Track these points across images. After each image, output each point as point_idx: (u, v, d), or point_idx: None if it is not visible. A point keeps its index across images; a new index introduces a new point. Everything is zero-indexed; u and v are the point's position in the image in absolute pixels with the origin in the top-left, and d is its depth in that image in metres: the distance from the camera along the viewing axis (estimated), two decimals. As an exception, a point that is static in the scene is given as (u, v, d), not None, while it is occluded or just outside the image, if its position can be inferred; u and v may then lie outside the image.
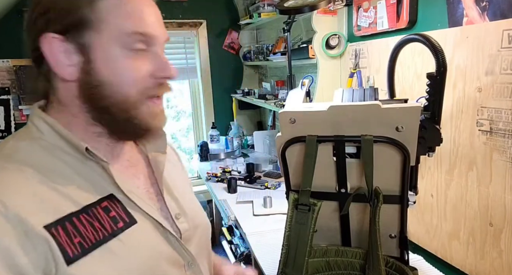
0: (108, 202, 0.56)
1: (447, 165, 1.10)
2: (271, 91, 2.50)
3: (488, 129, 0.96)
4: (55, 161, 0.55)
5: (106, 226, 0.54)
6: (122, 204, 0.57)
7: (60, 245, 0.49)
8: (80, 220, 0.52)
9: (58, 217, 0.50)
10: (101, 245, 0.53)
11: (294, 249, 0.79)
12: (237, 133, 2.95)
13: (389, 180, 0.75)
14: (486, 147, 0.97)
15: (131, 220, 0.57)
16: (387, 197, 0.75)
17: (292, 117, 0.76)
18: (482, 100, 0.97)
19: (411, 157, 0.72)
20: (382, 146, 0.72)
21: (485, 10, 0.96)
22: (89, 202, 0.54)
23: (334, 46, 1.63)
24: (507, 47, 0.89)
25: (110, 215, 0.55)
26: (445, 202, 1.13)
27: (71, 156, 0.56)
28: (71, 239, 0.50)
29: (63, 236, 0.50)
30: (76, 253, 0.50)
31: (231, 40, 2.99)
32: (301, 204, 0.79)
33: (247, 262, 2.25)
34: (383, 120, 0.71)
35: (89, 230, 0.52)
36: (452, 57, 1.03)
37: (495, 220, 0.98)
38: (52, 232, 0.49)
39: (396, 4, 1.24)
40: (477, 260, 1.04)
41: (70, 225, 0.51)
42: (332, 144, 0.76)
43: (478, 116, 0.99)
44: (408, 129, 0.71)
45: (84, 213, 0.53)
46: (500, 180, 0.95)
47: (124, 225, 0.56)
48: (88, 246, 0.51)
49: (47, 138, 0.56)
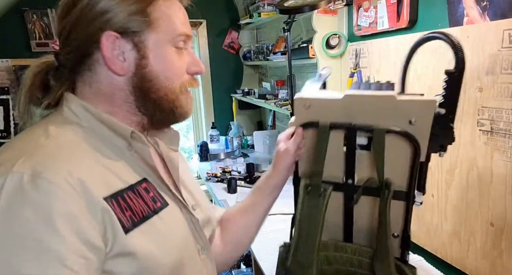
0: (146, 184, 0.62)
1: (447, 165, 1.10)
2: (271, 91, 2.50)
3: (489, 129, 0.96)
4: (97, 143, 0.59)
5: (148, 204, 0.60)
6: (155, 188, 0.63)
7: (117, 216, 0.54)
8: (129, 196, 0.57)
9: (112, 191, 0.55)
10: (146, 220, 0.58)
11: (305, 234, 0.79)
12: (237, 133, 2.94)
13: (397, 175, 0.74)
14: (487, 147, 0.97)
15: (165, 202, 0.63)
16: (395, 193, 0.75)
17: (307, 103, 0.77)
18: (482, 100, 0.97)
19: (421, 152, 0.72)
20: (393, 138, 0.72)
21: (486, 10, 0.96)
22: (133, 181, 0.60)
23: (334, 45, 1.63)
24: (508, 47, 0.89)
25: (150, 195, 0.61)
26: (446, 202, 1.13)
27: (108, 141, 0.61)
28: (124, 212, 0.55)
29: (118, 209, 0.54)
30: (129, 224, 0.55)
31: (231, 39, 2.99)
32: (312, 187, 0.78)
33: (247, 263, 2.25)
34: (397, 112, 0.70)
35: (137, 206, 0.58)
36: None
37: (495, 220, 0.97)
38: (110, 204, 0.53)
39: (397, 4, 1.24)
40: (477, 260, 1.04)
41: (122, 200, 0.56)
42: (343, 132, 0.76)
43: (478, 116, 0.99)
44: (421, 123, 0.70)
45: (131, 191, 0.58)
46: (501, 180, 0.95)
47: (161, 205, 0.62)
48: (137, 220, 0.56)
49: (84, 124, 0.60)
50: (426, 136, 0.71)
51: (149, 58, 0.61)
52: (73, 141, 0.57)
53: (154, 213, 0.60)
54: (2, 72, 2.43)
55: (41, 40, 2.44)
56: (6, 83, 2.45)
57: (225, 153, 2.76)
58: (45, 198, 0.48)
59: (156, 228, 0.59)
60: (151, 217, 0.59)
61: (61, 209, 0.48)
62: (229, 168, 2.34)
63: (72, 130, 0.59)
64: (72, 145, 0.56)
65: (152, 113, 0.64)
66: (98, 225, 0.51)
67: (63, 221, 0.48)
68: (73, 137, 0.57)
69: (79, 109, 0.60)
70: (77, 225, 0.49)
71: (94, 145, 0.58)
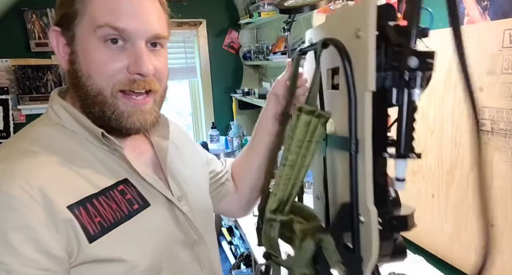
0: (123, 185, 0.59)
1: (448, 165, 1.10)
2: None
3: (489, 129, 0.96)
4: (75, 146, 0.57)
5: (122, 208, 0.57)
6: (136, 188, 0.60)
7: (82, 224, 0.51)
8: (99, 201, 0.55)
9: (79, 198, 0.53)
10: (118, 225, 0.55)
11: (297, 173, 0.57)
12: (237, 133, 2.94)
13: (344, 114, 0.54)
14: (487, 147, 0.97)
15: (145, 203, 0.60)
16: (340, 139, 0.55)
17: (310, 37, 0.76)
18: (483, 100, 0.97)
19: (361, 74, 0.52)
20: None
21: (486, 10, 0.95)
22: (107, 185, 0.57)
23: (334, 45, 1.63)
24: (509, 47, 0.88)
25: (126, 198, 0.58)
26: (446, 202, 1.13)
27: (88, 141, 0.58)
28: (92, 219, 0.53)
29: (85, 216, 0.52)
30: (97, 231, 0.53)
31: (231, 39, 2.98)
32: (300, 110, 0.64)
33: (247, 263, 2.25)
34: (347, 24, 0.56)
35: (107, 211, 0.55)
36: (453, 57, 1.02)
37: (496, 221, 0.97)
38: (74, 212, 0.51)
39: (397, 4, 1.24)
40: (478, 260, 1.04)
41: (91, 206, 0.53)
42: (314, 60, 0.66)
43: (479, 116, 0.98)
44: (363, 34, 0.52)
45: (103, 195, 0.55)
46: (501, 181, 0.94)
47: (139, 207, 0.59)
48: (108, 225, 0.54)
49: (65, 124, 0.58)
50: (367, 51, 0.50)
51: (78, 53, 0.56)
52: (47, 146, 0.55)
53: (128, 217, 0.57)
54: (2, 72, 2.43)
55: (40, 40, 2.43)
56: (6, 83, 2.44)
57: (225, 153, 2.76)
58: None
59: (129, 232, 0.56)
60: (124, 222, 0.56)
61: (15, 220, 0.47)
62: (229, 168, 2.34)
63: (50, 133, 0.57)
64: (43, 152, 0.54)
65: (98, 116, 0.58)
66: (59, 235, 0.49)
67: (17, 233, 0.47)
68: (48, 141, 0.56)
69: (60, 110, 0.59)
70: (34, 237, 0.47)
71: (70, 148, 0.57)
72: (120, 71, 0.56)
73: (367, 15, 0.51)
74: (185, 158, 0.77)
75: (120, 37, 0.55)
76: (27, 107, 2.48)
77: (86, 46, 0.55)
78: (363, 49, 0.51)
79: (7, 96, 2.46)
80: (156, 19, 0.59)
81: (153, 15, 0.58)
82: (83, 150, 0.58)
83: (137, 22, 0.56)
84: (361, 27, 0.52)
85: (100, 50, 0.55)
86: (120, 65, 0.56)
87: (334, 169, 0.60)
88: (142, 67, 0.56)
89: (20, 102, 2.47)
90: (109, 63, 0.55)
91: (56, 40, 0.58)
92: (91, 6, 0.54)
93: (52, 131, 0.58)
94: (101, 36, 0.54)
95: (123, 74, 0.56)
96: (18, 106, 2.47)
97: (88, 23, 0.55)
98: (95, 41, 0.55)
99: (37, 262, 0.47)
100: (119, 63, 0.56)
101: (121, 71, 0.56)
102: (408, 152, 0.49)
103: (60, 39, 0.58)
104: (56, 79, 2.50)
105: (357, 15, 0.53)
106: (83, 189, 0.54)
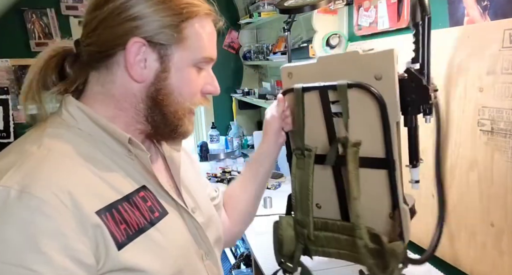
0: (144, 192, 0.59)
1: (448, 165, 1.10)
2: (271, 91, 2.49)
3: (489, 129, 0.96)
4: (93, 150, 0.57)
5: (145, 215, 0.57)
6: (154, 195, 0.61)
7: (110, 231, 0.51)
8: (124, 208, 0.54)
9: (106, 204, 0.52)
10: (142, 232, 0.55)
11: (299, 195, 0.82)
12: (237, 133, 2.94)
13: (374, 140, 0.71)
14: (487, 147, 0.97)
15: (164, 211, 0.61)
16: (373, 160, 0.71)
17: (290, 72, 0.81)
18: (483, 100, 0.97)
19: (391, 110, 0.67)
20: (360, 96, 0.70)
21: (487, 10, 0.95)
22: (129, 191, 0.57)
23: (334, 45, 1.63)
24: (509, 47, 0.88)
25: (147, 205, 0.59)
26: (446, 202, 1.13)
27: (105, 145, 0.58)
28: (118, 225, 0.52)
29: (112, 223, 0.51)
30: (123, 238, 0.52)
31: (231, 39, 2.98)
32: (297, 149, 0.82)
33: (247, 263, 2.24)
34: (362, 68, 0.69)
35: (132, 218, 0.55)
36: (453, 57, 1.02)
37: (496, 221, 0.97)
38: (102, 218, 0.51)
39: (397, 4, 1.24)
40: (478, 260, 1.04)
41: (116, 212, 0.53)
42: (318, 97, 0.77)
43: (479, 116, 0.98)
44: (386, 76, 0.67)
45: (126, 202, 0.55)
46: (501, 180, 0.94)
47: (159, 215, 0.60)
48: (132, 233, 0.54)
49: (82, 127, 0.58)
50: (394, 91, 0.67)
51: (170, 72, 0.60)
52: (67, 149, 0.54)
53: (151, 225, 0.57)
54: (2, 72, 2.43)
55: (40, 40, 2.43)
56: (6, 83, 2.45)
57: (225, 153, 2.76)
58: (30, 215, 0.45)
59: (153, 240, 0.57)
60: (148, 229, 0.56)
61: (47, 226, 0.46)
62: (229, 168, 2.34)
63: (67, 135, 0.56)
64: (65, 154, 0.53)
65: (158, 125, 0.62)
66: (89, 241, 0.49)
67: (49, 239, 0.45)
68: (67, 144, 0.55)
69: (77, 112, 0.59)
70: (65, 243, 0.46)
71: (89, 152, 0.56)
72: (199, 91, 0.65)
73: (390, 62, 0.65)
74: (195, 170, 0.82)
75: (207, 64, 0.66)
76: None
77: (183, 69, 0.61)
78: (388, 89, 0.66)
79: (7, 96, 2.46)
80: None
81: None
82: (101, 154, 0.57)
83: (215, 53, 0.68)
84: (382, 72, 0.66)
85: (195, 74, 0.63)
86: (200, 86, 0.65)
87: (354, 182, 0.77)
88: (218, 88, 0.67)
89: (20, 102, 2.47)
90: (196, 84, 0.64)
91: (138, 51, 0.57)
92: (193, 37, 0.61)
93: (69, 134, 0.57)
94: (199, 63, 0.63)
95: (199, 95, 0.65)
96: (18, 106, 2.47)
97: (193, 52, 0.61)
98: (192, 67, 0.62)
99: (68, 270, 0.46)
100: (200, 85, 0.65)
101: (199, 91, 0.65)
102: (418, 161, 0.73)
103: (145, 52, 0.58)
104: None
105: (377, 62, 0.66)
106: (107, 195, 0.54)
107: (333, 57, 0.76)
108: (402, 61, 0.80)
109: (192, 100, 0.64)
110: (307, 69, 0.79)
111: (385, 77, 0.66)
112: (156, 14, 0.57)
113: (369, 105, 0.68)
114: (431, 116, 0.70)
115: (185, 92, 0.62)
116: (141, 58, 0.58)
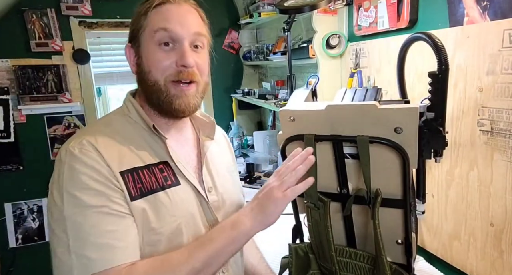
0: (163, 165, 0.76)
1: (448, 165, 1.10)
2: (271, 91, 2.49)
3: (489, 129, 0.96)
4: (134, 132, 0.77)
5: (159, 181, 0.74)
6: (172, 170, 0.77)
7: (127, 186, 0.70)
8: (143, 173, 0.73)
9: (131, 167, 0.72)
10: (153, 193, 0.72)
11: (319, 243, 0.84)
12: (237, 133, 2.94)
13: (390, 183, 0.73)
14: (487, 147, 0.97)
15: (177, 182, 0.76)
16: (390, 201, 0.73)
17: (292, 116, 0.77)
18: (483, 100, 0.97)
19: (411, 160, 0.69)
20: (380, 147, 0.70)
21: (486, 10, 0.95)
22: (151, 162, 0.75)
23: (334, 45, 1.63)
24: (508, 47, 0.88)
25: (163, 175, 0.75)
26: (446, 202, 1.13)
27: (144, 130, 0.78)
28: (135, 184, 0.71)
29: (131, 181, 0.71)
30: (137, 194, 0.70)
31: (231, 39, 2.98)
32: (310, 202, 0.80)
33: (247, 262, 2.24)
34: (380, 121, 0.69)
35: (148, 181, 0.73)
36: (453, 57, 1.02)
37: (496, 221, 0.97)
38: (124, 176, 0.70)
39: (397, 4, 1.24)
40: (477, 260, 1.04)
41: (136, 175, 0.72)
42: (330, 143, 0.76)
43: (479, 116, 0.98)
44: (407, 130, 0.68)
45: (146, 169, 0.74)
46: (501, 180, 0.95)
47: (172, 184, 0.75)
48: (145, 191, 0.72)
49: (131, 115, 0.79)
50: (414, 143, 0.69)
51: (142, 56, 0.76)
52: (117, 129, 0.76)
53: (162, 189, 0.73)
54: (2, 72, 2.43)
55: (40, 40, 2.43)
56: (6, 83, 2.44)
57: (225, 153, 2.75)
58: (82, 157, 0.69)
59: (160, 201, 0.72)
60: (158, 192, 0.73)
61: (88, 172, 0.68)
62: (229, 168, 2.33)
63: (119, 119, 0.79)
64: (115, 132, 0.75)
65: (153, 102, 0.77)
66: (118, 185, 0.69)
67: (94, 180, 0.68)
68: (115, 125, 0.77)
69: (129, 105, 0.80)
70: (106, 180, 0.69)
71: (131, 133, 0.77)
72: (170, 66, 0.74)
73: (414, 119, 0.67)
74: (223, 157, 0.93)
75: (170, 40, 0.74)
76: (27, 107, 2.48)
77: (147, 49, 0.75)
78: (408, 142, 0.68)
79: (7, 96, 2.46)
80: (196, 23, 0.77)
81: (193, 21, 0.76)
82: (139, 136, 0.77)
83: (182, 26, 0.74)
84: (404, 127, 0.68)
85: (157, 51, 0.74)
86: (170, 61, 0.74)
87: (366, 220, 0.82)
88: (186, 60, 0.73)
89: (21, 102, 2.47)
90: (162, 60, 0.74)
91: (129, 52, 0.79)
92: (150, 19, 0.74)
93: (121, 119, 0.79)
94: (157, 40, 0.73)
95: (173, 68, 0.74)
96: (18, 106, 2.47)
97: (148, 32, 0.74)
98: (153, 45, 0.74)
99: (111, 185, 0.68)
100: (170, 60, 0.74)
101: (171, 66, 0.74)
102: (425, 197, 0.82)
103: (131, 51, 0.78)
104: (56, 79, 2.50)
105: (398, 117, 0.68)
106: (134, 162, 0.73)
107: (345, 107, 0.72)
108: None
109: (162, 75, 0.74)
110: (313, 115, 0.75)
111: (406, 131, 0.68)
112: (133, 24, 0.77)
113: (389, 156, 0.71)
114: (442, 157, 0.74)
115: (155, 68, 0.74)
116: (131, 57, 0.79)
